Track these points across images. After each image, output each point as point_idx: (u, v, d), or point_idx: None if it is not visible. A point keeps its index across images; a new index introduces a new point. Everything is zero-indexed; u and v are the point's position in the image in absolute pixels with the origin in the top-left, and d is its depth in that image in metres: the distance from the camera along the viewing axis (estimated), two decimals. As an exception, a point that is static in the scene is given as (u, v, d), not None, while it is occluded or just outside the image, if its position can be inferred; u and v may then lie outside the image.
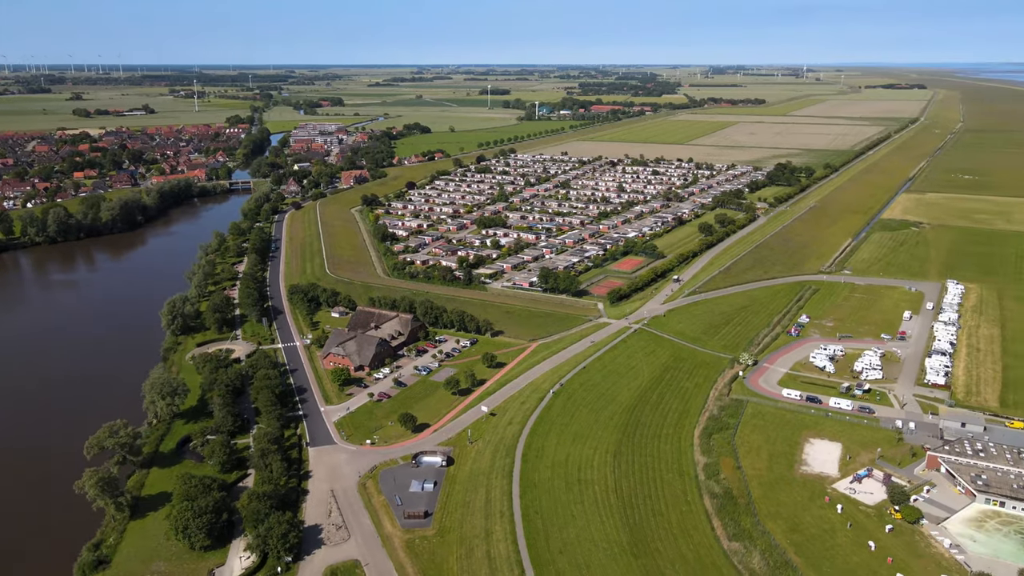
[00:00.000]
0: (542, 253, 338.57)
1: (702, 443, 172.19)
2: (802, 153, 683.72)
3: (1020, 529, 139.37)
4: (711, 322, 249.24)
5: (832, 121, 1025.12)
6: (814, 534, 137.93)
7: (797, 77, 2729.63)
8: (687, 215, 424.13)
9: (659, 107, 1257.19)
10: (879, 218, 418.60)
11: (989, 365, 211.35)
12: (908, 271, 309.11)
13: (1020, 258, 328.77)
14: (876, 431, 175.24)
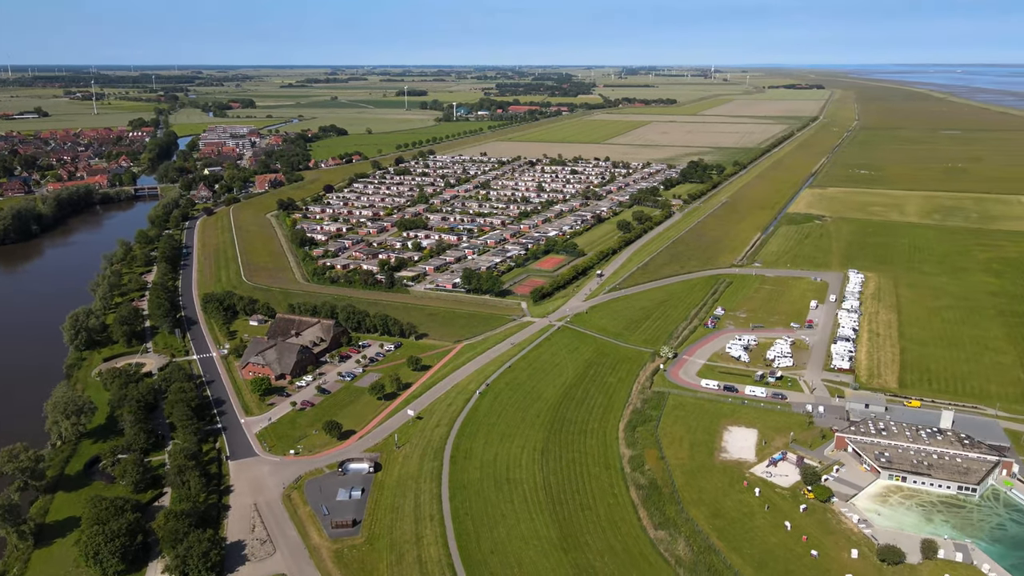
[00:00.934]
0: (464, 254, 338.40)
1: (627, 436, 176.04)
2: (713, 151, 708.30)
3: (920, 502, 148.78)
4: (632, 317, 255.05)
5: (739, 120, 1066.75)
6: (735, 518, 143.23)
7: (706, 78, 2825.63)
8: (606, 213, 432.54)
9: (575, 107, 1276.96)
10: (785, 212, 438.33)
11: (888, 349, 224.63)
12: (813, 262, 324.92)
13: (912, 247, 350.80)
14: (789, 416, 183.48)
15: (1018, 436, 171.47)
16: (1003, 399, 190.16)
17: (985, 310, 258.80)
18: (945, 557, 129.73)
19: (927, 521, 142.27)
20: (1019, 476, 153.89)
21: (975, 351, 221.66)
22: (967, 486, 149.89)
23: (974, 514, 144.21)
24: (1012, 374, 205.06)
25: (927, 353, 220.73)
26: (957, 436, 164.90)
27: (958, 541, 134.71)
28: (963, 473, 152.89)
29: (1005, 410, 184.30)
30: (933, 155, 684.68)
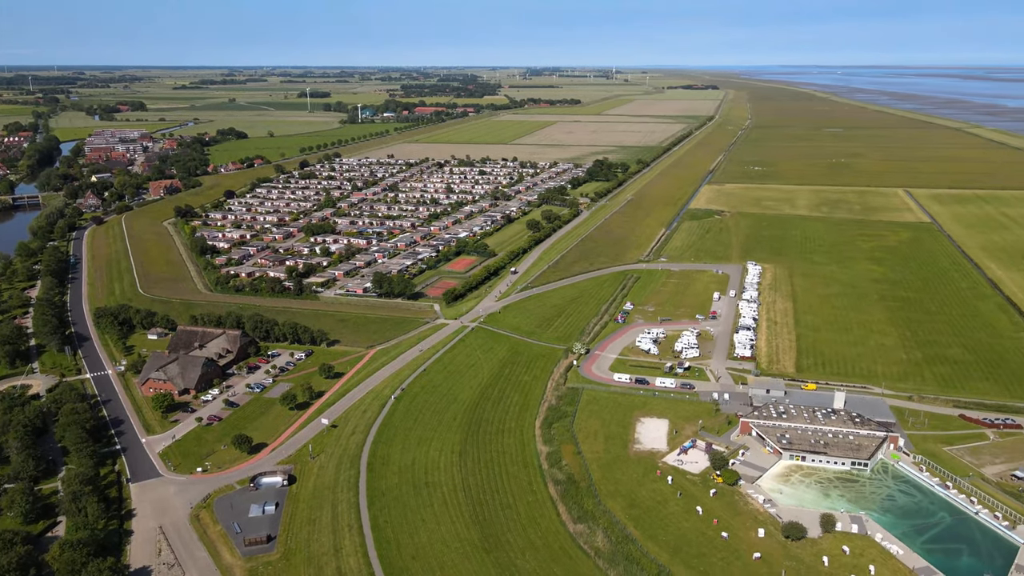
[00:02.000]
0: (374, 258, 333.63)
1: (543, 433, 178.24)
2: (617, 150, 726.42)
3: (819, 479, 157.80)
4: (544, 315, 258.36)
5: (641, 119, 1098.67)
6: (649, 506, 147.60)
7: (608, 78, 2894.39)
8: (515, 213, 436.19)
9: (482, 108, 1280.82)
10: (687, 208, 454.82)
11: (785, 336, 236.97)
12: (714, 255, 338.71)
13: (804, 239, 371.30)
14: (697, 405, 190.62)
15: (902, 412, 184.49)
16: (888, 378, 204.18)
17: (869, 296, 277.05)
18: (842, 529, 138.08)
19: (825, 497, 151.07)
20: (904, 449, 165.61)
21: (862, 334, 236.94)
22: (859, 461, 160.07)
23: (866, 487, 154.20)
24: (895, 355, 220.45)
25: (820, 338, 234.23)
26: (849, 415, 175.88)
27: (853, 514, 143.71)
28: (855, 449, 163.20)
29: (890, 388, 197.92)
30: (818, 151, 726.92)
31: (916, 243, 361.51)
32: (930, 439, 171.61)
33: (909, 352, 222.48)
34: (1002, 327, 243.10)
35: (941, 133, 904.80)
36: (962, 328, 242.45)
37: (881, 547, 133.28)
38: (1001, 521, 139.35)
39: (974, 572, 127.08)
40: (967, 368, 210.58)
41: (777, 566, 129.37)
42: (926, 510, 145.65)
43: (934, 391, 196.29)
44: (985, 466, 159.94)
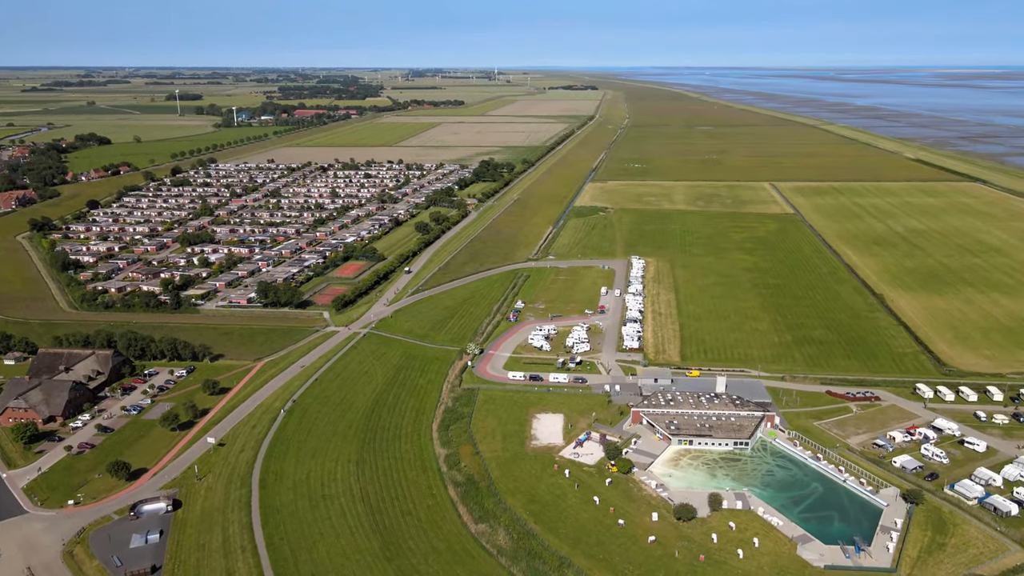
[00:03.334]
0: (258, 267, 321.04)
1: (441, 435, 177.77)
2: (502, 150, 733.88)
3: (705, 460, 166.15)
4: (437, 318, 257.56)
5: (524, 120, 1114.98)
6: (549, 501, 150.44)
7: (490, 79, 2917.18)
8: (403, 216, 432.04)
9: (364, 110, 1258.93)
10: (572, 206, 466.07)
11: (669, 326, 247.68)
12: (600, 251, 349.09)
13: (683, 232, 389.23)
14: (590, 398, 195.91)
15: (776, 392, 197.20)
16: (763, 361, 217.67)
17: (743, 284, 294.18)
18: (728, 507, 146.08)
19: (712, 477, 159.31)
20: (780, 427, 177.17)
21: (738, 321, 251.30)
22: (741, 441, 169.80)
23: (748, 465, 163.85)
24: (768, 339, 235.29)
25: (701, 327, 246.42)
26: (730, 398, 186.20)
27: (738, 491, 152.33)
28: (737, 430, 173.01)
29: (765, 370, 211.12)
30: (692, 148, 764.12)
31: (782, 233, 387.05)
32: (802, 415, 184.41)
33: (780, 335, 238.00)
34: (859, 308, 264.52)
35: (800, 130, 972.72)
36: (825, 311, 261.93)
37: (763, 520, 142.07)
38: (866, 487, 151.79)
39: (845, 535, 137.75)
40: (831, 347, 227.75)
41: (671, 547, 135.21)
42: (801, 482, 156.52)
43: (803, 370, 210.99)
44: (850, 437, 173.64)
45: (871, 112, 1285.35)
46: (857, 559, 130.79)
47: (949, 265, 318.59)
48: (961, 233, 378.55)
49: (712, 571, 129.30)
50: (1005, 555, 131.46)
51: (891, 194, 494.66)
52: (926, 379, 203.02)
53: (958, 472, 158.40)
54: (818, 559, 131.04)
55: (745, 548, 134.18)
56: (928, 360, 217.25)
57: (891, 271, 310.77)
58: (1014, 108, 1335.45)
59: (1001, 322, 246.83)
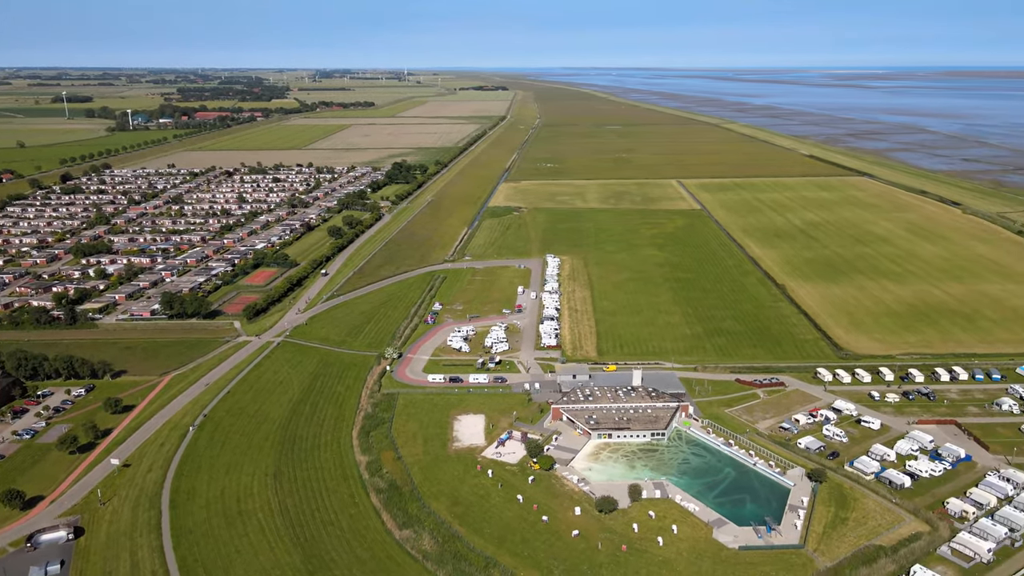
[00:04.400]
0: (161, 277, 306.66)
1: (361, 442, 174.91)
2: (415, 152, 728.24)
3: (624, 453, 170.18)
4: (353, 323, 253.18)
5: (436, 121, 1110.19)
6: (473, 502, 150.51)
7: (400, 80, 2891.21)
8: (315, 220, 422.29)
9: (271, 112, 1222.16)
10: (487, 206, 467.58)
11: (586, 323, 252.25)
12: (515, 251, 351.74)
13: (596, 230, 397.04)
14: (510, 397, 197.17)
15: (689, 382, 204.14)
16: (676, 353, 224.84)
17: (655, 279, 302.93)
18: (648, 496, 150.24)
19: (631, 468, 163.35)
20: (694, 416, 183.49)
21: (651, 315, 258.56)
22: (658, 432, 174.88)
23: (665, 455, 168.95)
24: (680, 331, 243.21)
25: (617, 322, 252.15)
26: (646, 391, 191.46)
27: (656, 480, 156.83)
28: (654, 421, 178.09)
29: (678, 362, 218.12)
30: (602, 147, 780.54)
31: (690, 228, 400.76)
32: (714, 404, 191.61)
33: (692, 327, 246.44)
34: (763, 299, 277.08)
35: (703, 128, 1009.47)
36: (732, 302, 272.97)
37: (681, 507, 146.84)
38: (774, 469, 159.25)
39: (756, 516, 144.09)
40: (739, 337, 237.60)
41: (594, 540, 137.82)
42: (715, 468, 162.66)
43: (714, 360, 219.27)
44: (758, 422, 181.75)
45: (768, 111, 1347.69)
46: (768, 538, 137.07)
47: (843, 255, 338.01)
48: (852, 224, 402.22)
49: (634, 560, 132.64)
50: (901, 525, 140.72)
51: (788, 189, 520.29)
52: (826, 363, 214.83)
53: (856, 450, 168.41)
54: (733, 541, 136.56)
55: (665, 535, 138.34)
56: (827, 345, 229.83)
57: (791, 262, 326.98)
58: (895, 106, 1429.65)
59: (890, 307, 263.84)
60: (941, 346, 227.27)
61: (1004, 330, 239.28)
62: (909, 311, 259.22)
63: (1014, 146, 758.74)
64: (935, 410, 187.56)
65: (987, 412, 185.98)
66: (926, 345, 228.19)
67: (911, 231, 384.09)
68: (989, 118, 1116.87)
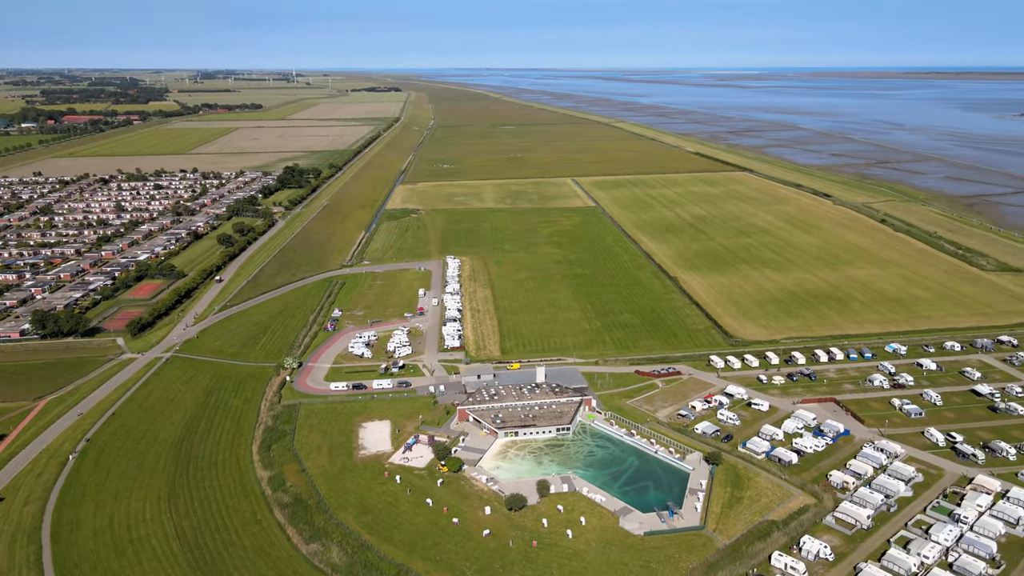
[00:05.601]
0: (31, 294, 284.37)
1: (262, 457, 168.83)
2: (307, 155, 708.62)
3: (532, 449, 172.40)
4: (249, 334, 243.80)
5: (328, 123, 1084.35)
6: (381, 510, 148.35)
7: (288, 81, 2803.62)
8: (203, 228, 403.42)
9: (149, 115, 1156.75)
10: (384, 209, 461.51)
11: (488, 322, 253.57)
12: (415, 253, 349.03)
13: (494, 230, 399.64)
14: (416, 401, 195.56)
15: (591, 376, 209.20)
16: (577, 348, 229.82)
17: (554, 276, 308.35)
18: (556, 491, 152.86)
19: (538, 464, 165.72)
20: (597, 409, 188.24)
21: (552, 312, 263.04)
22: (563, 427, 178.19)
23: (571, 448, 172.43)
24: (580, 327, 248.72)
25: (519, 320, 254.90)
26: (550, 387, 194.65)
27: (563, 475, 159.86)
28: (559, 417, 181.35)
29: (580, 357, 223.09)
30: (497, 147, 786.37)
31: (586, 225, 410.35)
32: (615, 396, 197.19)
33: (591, 322, 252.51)
34: (657, 291, 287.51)
35: (595, 127, 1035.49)
36: (629, 296, 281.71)
37: (588, 499, 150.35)
38: (674, 455, 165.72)
39: (660, 502, 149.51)
40: (636, 330, 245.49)
41: (505, 538, 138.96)
42: (619, 458, 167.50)
43: (614, 353, 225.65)
44: (658, 411, 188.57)
45: (655, 110, 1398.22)
46: (671, 522, 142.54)
47: (728, 246, 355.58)
48: (736, 217, 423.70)
49: (545, 555, 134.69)
50: (790, 500, 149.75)
51: (677, 184, 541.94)
52: (717, 351, 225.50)
53: (748, 431, 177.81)
54: (638, 527, 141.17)
55: (573, 528, 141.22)
56: (718, 334, 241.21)
57: (682, 255, 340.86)
58: (770, 105, 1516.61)
59: (773, 294, 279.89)
60: (819, 329, 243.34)
61: (872, 312, 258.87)
62: (790, 297, 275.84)
63: (875, 141, 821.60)
64: (816, 389, 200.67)
65: (861, 388, 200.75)
66: (806, 329, 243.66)
67: (789, 222, 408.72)
68: (853, 116, 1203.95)
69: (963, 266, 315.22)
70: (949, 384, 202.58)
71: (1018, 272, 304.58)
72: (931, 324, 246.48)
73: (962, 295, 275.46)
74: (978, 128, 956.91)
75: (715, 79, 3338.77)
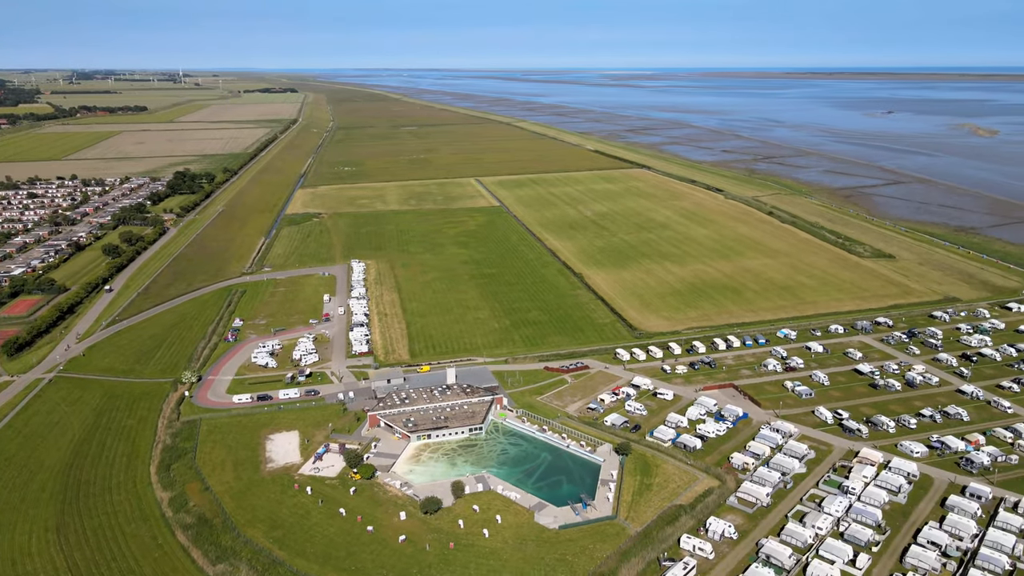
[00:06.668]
0: None
1: (161, 478, 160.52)
2: (199, 159, 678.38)
3: (445, 451, 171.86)
4: (142, 349, 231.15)
5: (221, 125, 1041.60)
6: (292, 523, 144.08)
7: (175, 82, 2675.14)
8: (86, 239, 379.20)
9: (18, 118, 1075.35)
10: (284, 214, 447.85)
11: (396, 325, 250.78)
12: (318, 258, 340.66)
13: (399, 232, 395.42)
14: (324, 409, 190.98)
15: (502, 375, 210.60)
16: (486, 347, 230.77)
17: (462, 277, 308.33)
18: (471, 491, 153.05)
19: (452, 466, 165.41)
20: (508, 407, 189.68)
21: (461, 312, 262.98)
22: (475, 427, 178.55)
23: (484, 448, 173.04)
24: (489, 326, 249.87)
25: (427, 323, 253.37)
26: (461, 387, 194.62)
27: (477, 474, 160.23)
28: (471, 417, 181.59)
29: (489, 356, 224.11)
30: (399, 149, 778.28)
31: (491, 225, 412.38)
32: (526, 393, 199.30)
33: (500, 321, 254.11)
34: (563, 288, 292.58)
35: (496, 127, 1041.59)
36: (535, 293, 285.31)
37: (503, 497, 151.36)
38: (585, 448, 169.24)
39: (573, 495, 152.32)
40: (544, 327, 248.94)
41: (421, 542, 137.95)
42: (532, 455, 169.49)
43: (523, 351, 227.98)
44: (568, 405, 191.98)
45: (555, 109, 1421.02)
46: (585, 514, 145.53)
47: (630, 242, 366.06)
48: (636, 213, 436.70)
49: (462, 556, 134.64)
50: (696, 483, 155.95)
51: (578, 182, 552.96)
52: (623, 344, 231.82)
53: (655, 420, 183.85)
54: (552, 522, 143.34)
55: (490, 527, 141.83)
56: (623, 327, 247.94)
57: (586, 251, 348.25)
58: (664, 104, 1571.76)
59: (673, 287, 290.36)
60: (717, 318, 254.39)
61: (764, 300, 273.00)
62: (689, 289, 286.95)
63: (761, 138, 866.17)
64: (716, 376, 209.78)
65: (757, 373, 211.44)
66: (705, 318, 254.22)
67: (686, 217, 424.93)
68: (740, 114, 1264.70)
69: (843, 254, 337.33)
70: (835, 365, 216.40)
71: (890, 258, 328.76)
72: (817, 309, 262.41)
73: (843, 281, 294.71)
74: (851, 125, 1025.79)
75: (612, 79, 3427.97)
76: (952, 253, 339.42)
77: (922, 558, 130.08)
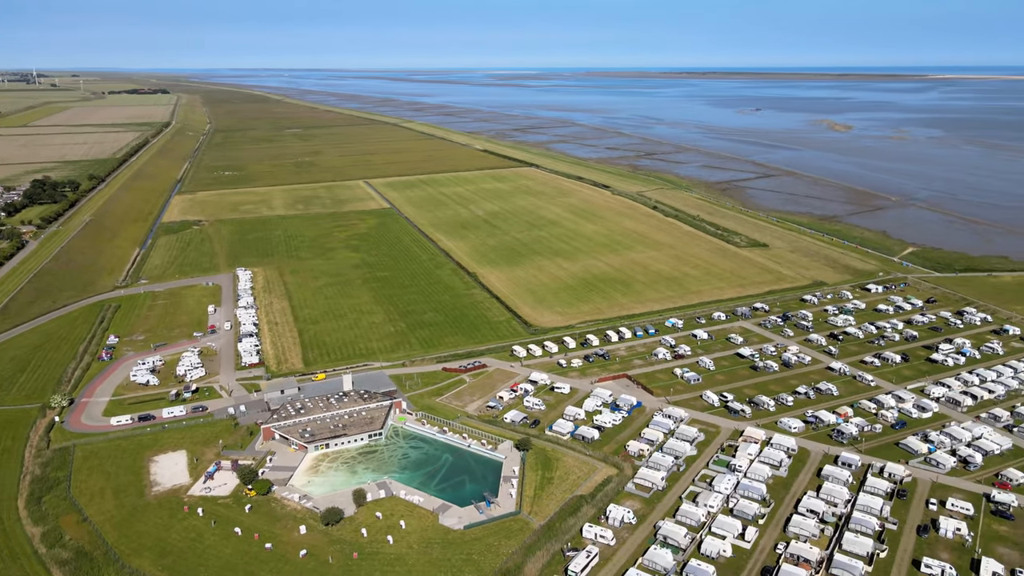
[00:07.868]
0: None
1: (31, 512, 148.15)
2: (60, 166, 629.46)
3: (344, 460, 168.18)
4: (1, 374, 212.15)
5: (84, 129, 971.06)
6: (184, 548, 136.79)
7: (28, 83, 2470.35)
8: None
9: None
10: (160, 222, 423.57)
11: (288, 334, 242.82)
12: (201, 268, 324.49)
13: (287, 237, 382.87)
14: (214, 425, 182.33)
15: (400, 378, 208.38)
16: (383, 351, 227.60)
17: (354, 281, 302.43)
18: (373, 498, 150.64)
19: (353, 474, 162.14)
20: (408, 410, 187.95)
21: (355, 318, 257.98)
22: (375, 433, 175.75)
23: (385, 453, 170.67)
24: (384, 330, 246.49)
25: (320, 329, 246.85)
26: (359, 394, 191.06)
27: (379, 481, 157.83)
28: (369, 423, 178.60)
29: (386, 360, 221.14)
30: (283, 152, 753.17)
31: (382, 227, 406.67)
32: (425, 395, 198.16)
33: (395, 324, 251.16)
34: (458, 288, 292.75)
35: (383, 128, 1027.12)
36: (430, 294, 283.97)
37: (406, 501, 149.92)
38: (487, 446, 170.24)
39: (476, 494, 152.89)
40: (440, 328, 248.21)
41: (324, 555, 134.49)
42: (433, 457, 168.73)
43: (420, 353, 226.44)
44: (467, 405, 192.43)
45: (442, 109, 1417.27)
46: (489, 512, 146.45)
47: (522, 239, 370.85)
48: (527, 211, 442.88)
49: (367, 565, 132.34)
50: (595, 473, 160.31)
51: (468, 182, 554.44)
52: (519, 340, 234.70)
53: (553, 414, 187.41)
54: (457, 522, 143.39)
55: (394, 533, 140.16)
56: (518, 324, 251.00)
57: (479, 251, 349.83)
58: (549, 103, 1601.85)
59: (566, 282, 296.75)
60: (608, 311, 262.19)
61: (652, 291, 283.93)
62: (580, 284, 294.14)
63: (642, 135, 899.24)
64: (610, 367, 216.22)
65: (648, 362, 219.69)
66: (597, 312, 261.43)
67: (574, 213, 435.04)
68: (621, 112, 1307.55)
69: (722, 244, 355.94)
70: (719, 350, 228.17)
71: (764, 247, 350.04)
72: (701, 298, 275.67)
73: (723, 270, 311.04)
74: (724, 122, 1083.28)
75: (497, 79, 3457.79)
76: (818, 240, 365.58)
77: (803, 526, 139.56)
